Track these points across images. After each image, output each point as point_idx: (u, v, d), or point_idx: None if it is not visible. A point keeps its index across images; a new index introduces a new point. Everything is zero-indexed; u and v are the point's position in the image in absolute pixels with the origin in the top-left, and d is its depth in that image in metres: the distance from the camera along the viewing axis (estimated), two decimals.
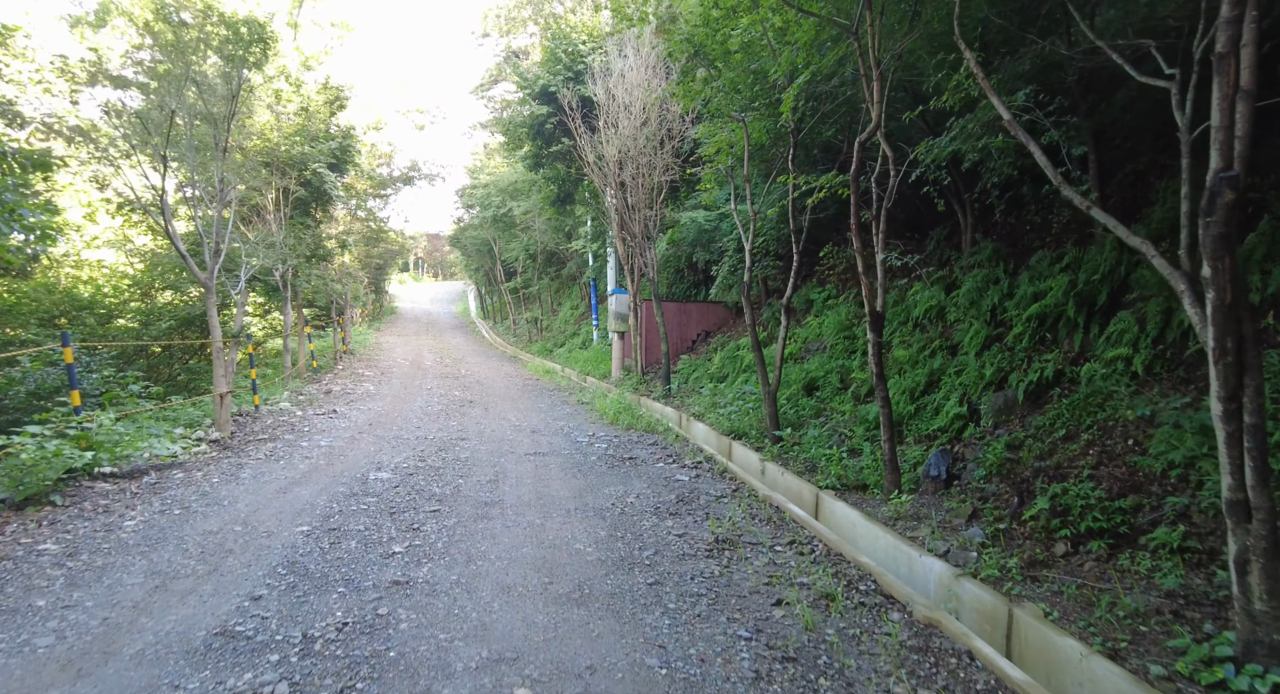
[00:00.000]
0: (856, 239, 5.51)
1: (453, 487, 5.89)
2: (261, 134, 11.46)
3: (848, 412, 8.05)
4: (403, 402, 11.42)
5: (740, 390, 10.55)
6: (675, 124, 12.39)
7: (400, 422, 9.40)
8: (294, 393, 11.82)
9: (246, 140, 11.31)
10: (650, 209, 12.55)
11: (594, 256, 21.25)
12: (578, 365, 17.71)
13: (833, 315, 10.96)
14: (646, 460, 7.48)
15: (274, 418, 9.26)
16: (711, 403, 10.31)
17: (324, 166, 13.36)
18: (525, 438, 8.43)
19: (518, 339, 28.44)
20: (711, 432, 8.86)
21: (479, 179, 28.85)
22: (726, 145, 8.94)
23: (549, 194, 16.89)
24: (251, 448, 7.35)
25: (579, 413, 10.90)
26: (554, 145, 13.92)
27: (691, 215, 12.23)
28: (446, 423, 9.40)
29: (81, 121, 8.17)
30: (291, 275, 13.93)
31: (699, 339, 15.81)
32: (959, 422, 6.78)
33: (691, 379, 13.02)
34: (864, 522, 5.21)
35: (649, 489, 6.16)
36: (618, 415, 9.92)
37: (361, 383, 13.62)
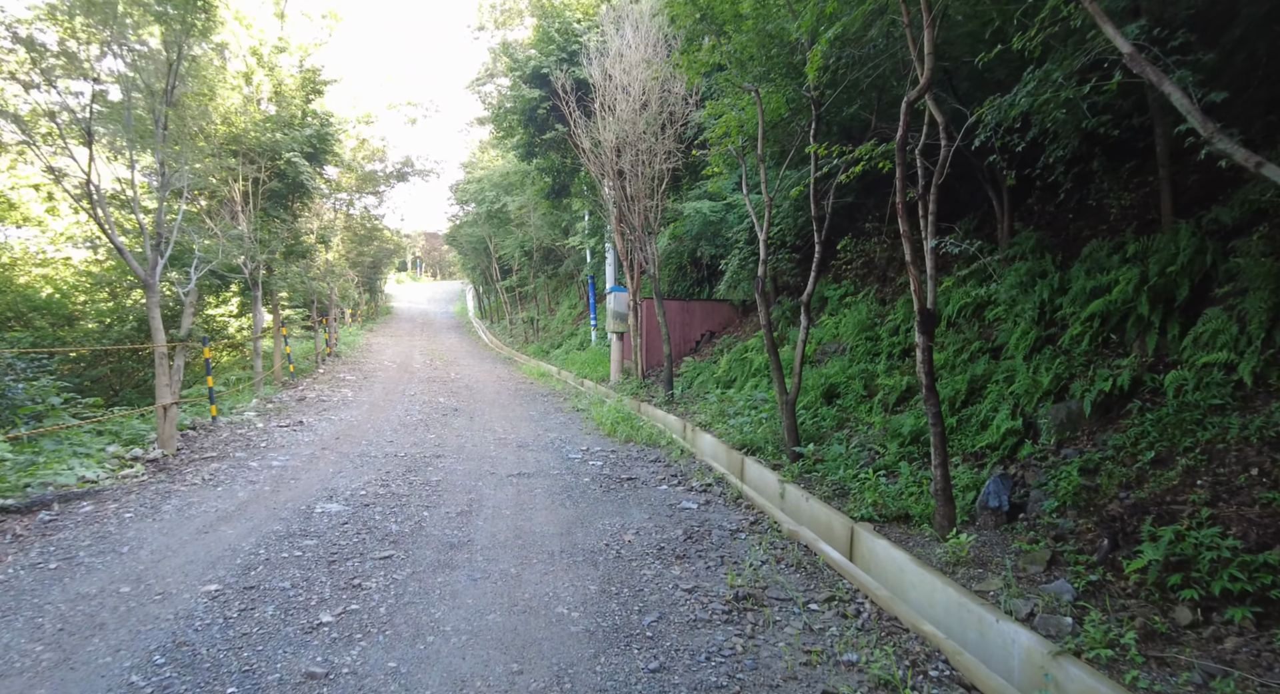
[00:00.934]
0: (903, 221, 4.52)
1: (414, 522, 4.90)
2: (226, 118, 10.47)
3: (877, 424, 7.06)
4: (380, 410, 10.44)
5: (750, 397, 9.57)
6: (677, 106, 11.40)
7: (372, 435, 8.42)
8: (263, 401, 10.84)
9: (209, 125, 10.32)
10: (651, 199, 11.55)
11: (592, 253, 20.27)
12: (575, 368, 16.74)
13: (852, 314, 9.97)
14: (648, 482, 6.49)
15: (231, 431, 8.28)
16: (719, 411, 9.32)
17: (299, 156, 12.36)
18: (510, 454, 7.45)
19: (514, 340, 27.46)
20: (720, 445, 7.87)
21: (473, 174, 27.88)
22: (736, 125, 7.95)
23: (543, 186, 15.91)
24: (192, 470, 6.37)
25: (573, 422, 9.91)
26: (547, 132, 12.94)
27: (696, 205, 11.24)
28: (424, 436, 8.42)
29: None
30: (264, 273, 12.94)
31: (703, 340, 14.84)
32: (1012, 438, 5.80)
33: (696, 383, 12.04)
34: (915, 568, 4.21)
35: (651, 521, 5.17)
36: (616, 426, 8.94)
37: (340, 388, 12.64)
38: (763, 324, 7.23)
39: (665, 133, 11.48)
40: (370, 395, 12.06)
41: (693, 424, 9.00)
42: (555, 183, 15.51)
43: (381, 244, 35.62)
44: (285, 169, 12.31)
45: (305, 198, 13.65)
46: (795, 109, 7.31)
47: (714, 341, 14.63)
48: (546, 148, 14.06)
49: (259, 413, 9.82)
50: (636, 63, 11.28)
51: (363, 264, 32.30)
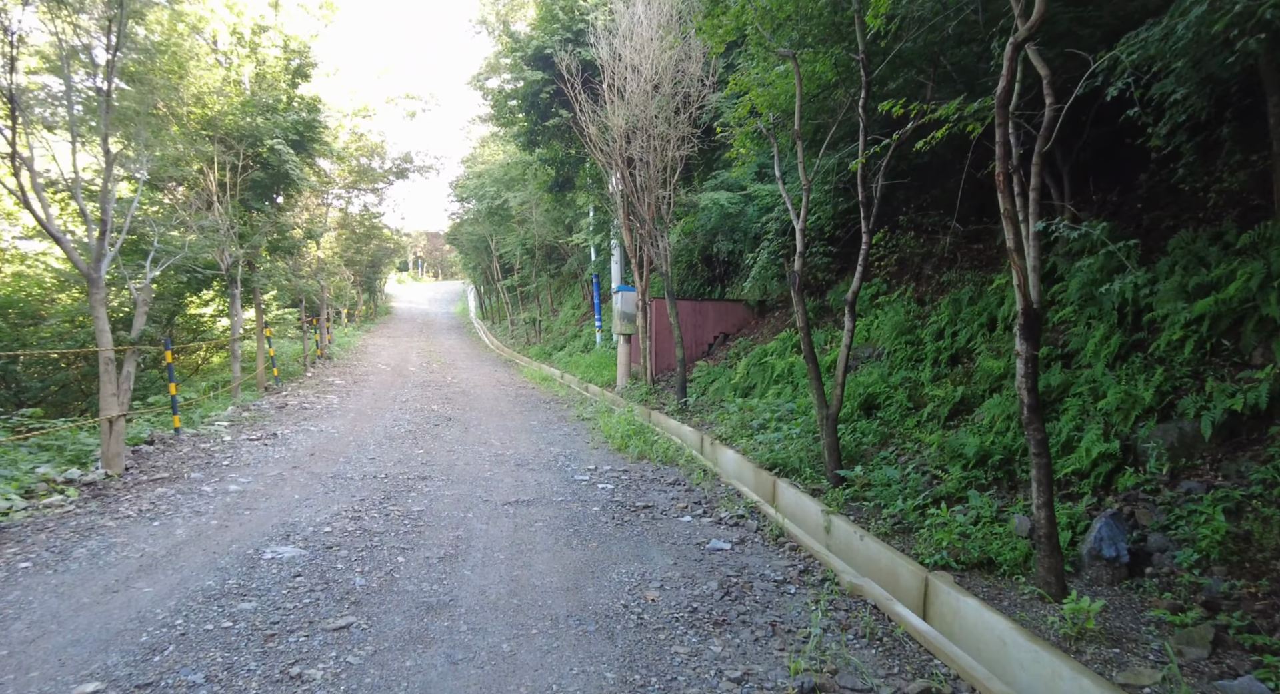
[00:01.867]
0: (1004, 198, 3.55)
1: (385, 571, 3.95)
2: (200, 99, 9.53)
3: (933, 443, 6.08)
4: (366, 420, 9.48)
5: (775, 407, 8.61)
6: (693, 89, 10.43)
7: (352, 450, 7.46)
8: (240, 408, 9.90)
9: (179, 106, 9.39)
10: (663, 189, 10.59)
11: (596, 251, 19.32)
12: (579, 371, 15.78)
13: (887, 315, 9.01)
14: (668, 511, 5.52)
15: (194, 446, 7.33)
16: (740, 422, 8.36)
17: (283, 143, 11.43)
18: (507, 475, 6.48)
19: (515, 341, 26.51)
20: (746, 464, 6.90)
21: (474, 168, 26.96)
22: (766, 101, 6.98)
23: (545, 178, 14.96)
24: (131, 497, 5.42)
25: (578, 435, 8.94)
26: (550, 119, 11.98)
27: (713, 196, 10.27)
28: (410, 451, 7.46)
29: None
30: (246, 270, 12.00)
31: (716, 343, 13.88)
32: (1105, 463, 4.84)
33: (711, 390, 11.08)
34: (1025, 642, 3.22)
35: (677, 568, 4.21)
36: (627, 440, 7.97)
37: (326, 394, 11.69)
38: (799, 326, 6.26)
39: (679, 117, 10.52)
40: (358, 402, 11.11)
41: (711, 438, 8.04)
42: (559, 175, 14.56)
43: (381, 243, 34.77)
44: (268, 157, 11.37)
45: (291, 189, 12.71)
46: (837, 80, 6.34)
47: (728, 345, 13.68)
48: (549, 136, 13.11)
49: (232, 423, 8.88)
50: (649, 40, 10.33)
51: (360, 263, 31.43)
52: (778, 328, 12.38)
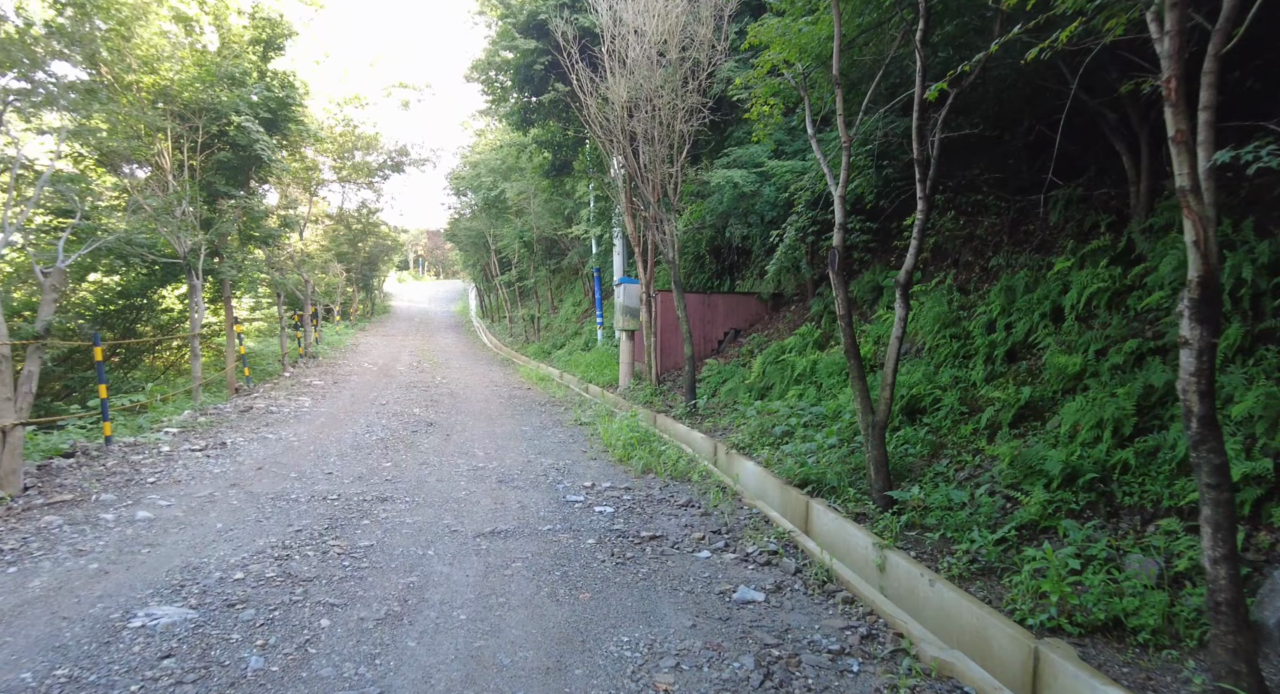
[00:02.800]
0: (1174, 116, 2.43)
1: (297, 644, 2.87)
2: (148, 64, 8.46)
3: (1003, 455, 4.97)
4: (336, 425, 8.41)
5: (799, 411, 7.53)
6: (703, 53, 9.33)
7: (308, 463, 6.38)
8: (197, 412, 8.84)
9: (124, 72, 8.32)
10: (671, 166, 9.49)
11: (597, 242, 18.23)
12: (579, 371, 14.70)
13: (928, 306, 7.93)
14: (681, 543, 4.42)
15: (122, 458, 6.25)
16: (759, 429, 7.27)
17: (252, 120, 10.36)
18: (486, 495, 5.39)
19: (514, 339, 25.45)
20: (770, 479, 5.81)
21: (468, 158, 25.92)
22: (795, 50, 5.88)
23: (542, 163, 13.87)
24: (10, 527, 4.34)
25: (575, 442, 7.86)
26: (546, 92, 10.90)
27: (726, 174, 9.16)
28: (377, 464, 6.38)
29: None
30: (215, 260, 10.95)
31: (727, 339, 12.79)
32: (1252, 488, 3.75)
33: (723, 391, 9.98)
34: None
35: (697, 633, 3.12)
36: (630, 449, 6.87)
37: (299, 396, 10.62)
38: (840, 314, 5.15)
39: (687, 87, 9.41)
40: (333, 405, 10.04)
41: (726, 446, 6.95)
42: (556, 159, 13.48)
43: (378, 240, 33.80)
44: (235, 136, 10.31)
45: (264, 173, 11.65)
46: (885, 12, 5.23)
47: (740, 341, 12.59)
48: (545, 114, 12.02)
49: (183, 429, 7.81)
50: None
51: (356, 260, 30.44)
52: (796, 323, 11.28)
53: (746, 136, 10.62)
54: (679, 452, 6.92)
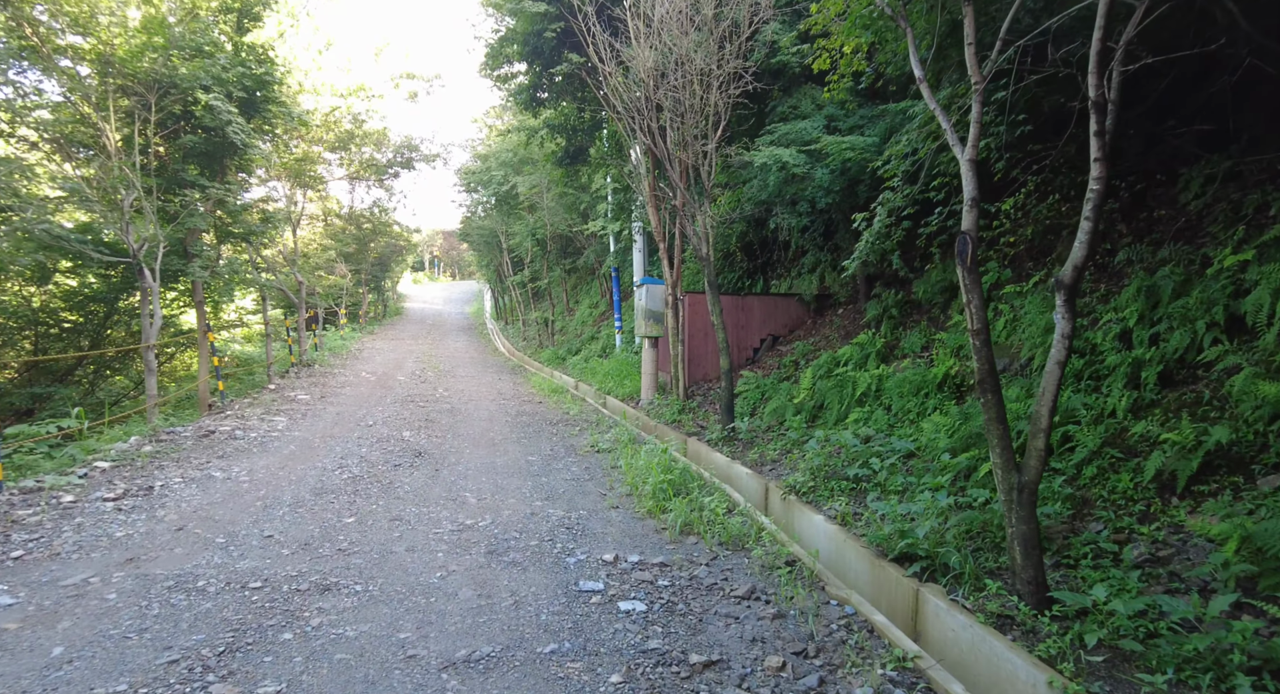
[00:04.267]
0: None
1: None
2: (79, 23, 7.11)
3: (1225, 535, 3.40)
4: (304, 458, 6.98)
5: (875, 445, 5.99)
6: (744, 9, 7.79)
7: (249, 519, 4.94)
8: (145, 439, 7.47)
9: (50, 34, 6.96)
10: (705, 142, 7.96)
11: (616, 239, 16.75)
12: (596, 380, 13.22)
13: (1026, 310, 6.43)
14: (750, 680, 2.92)
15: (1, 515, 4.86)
16: (822, 466, 5.72)
17: (222, 99, 8.99)
18: (468, 581, 3.90)
19: (527, 344, 24.04)
20: (853, 545, 4.26)
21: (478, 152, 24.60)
22: None
23: (554, 150, 12.40)
24: None
25: (591, 480, 6.36)
26: (558, 64, 9.44)
27: (774, 152, 7.61)
28: (335, 520, 4.92)
29: None
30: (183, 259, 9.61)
31: (764, 347, 11.25)
32: None
33: (767, 411, 8.44)
34: None
35: None
36: (662, 496, 5.36)
37: (276, 415, 9.23)
38: (973, 328, 3.56)
39: (724, 50, 7.89)
40: (311, 427, 8.63)
41: (781, 489, 5.40)
42: (570, 145, 12.01)
43: (390, 240, 32.63)
44: (204, 117, 8.95)
45: (239, 160, 10.29)
46: None
47: (779, 350, 11.04)
48: (557, 93, 10.56)
49: (115, 464, 6.42)
50: None
51: (365, 261, 29.27)
52: (848, 329, 9.70)
53: (792, 111, 9.05)
54: (724, 498, 5.38)
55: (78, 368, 11.17)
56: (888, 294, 8.94)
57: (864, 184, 8.14)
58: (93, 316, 11.19)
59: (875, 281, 9.81)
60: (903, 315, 8.87)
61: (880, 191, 8.08)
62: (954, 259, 8.61)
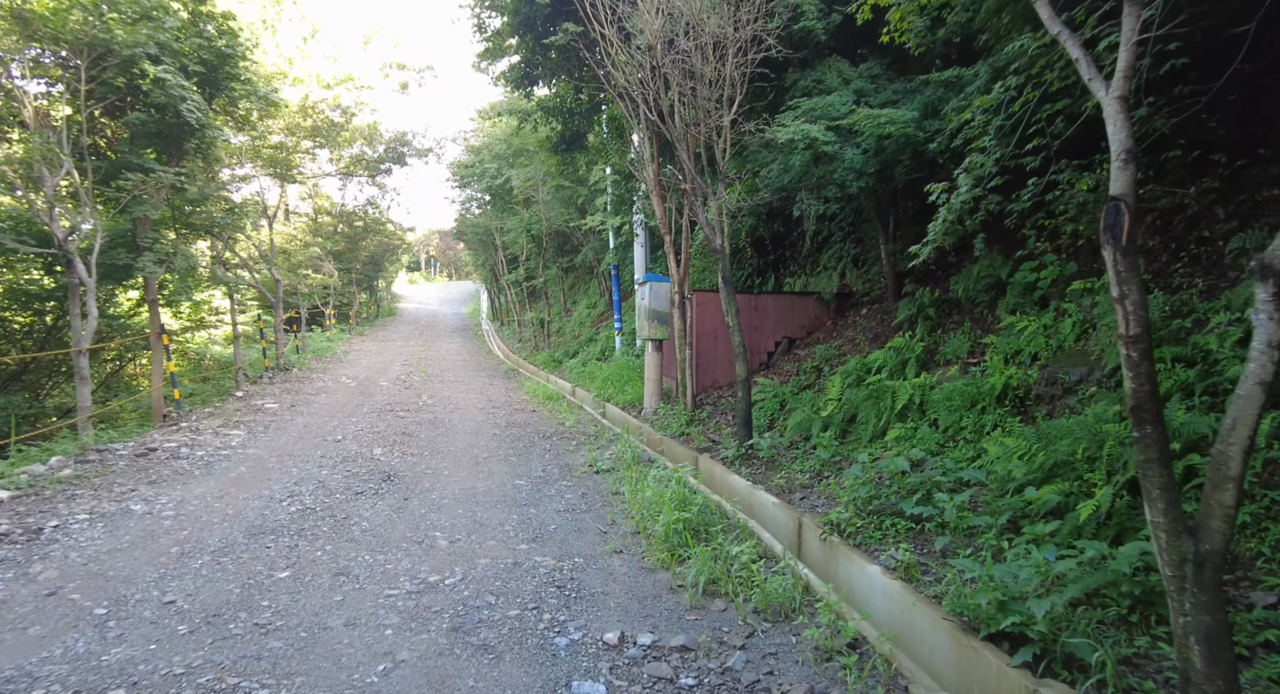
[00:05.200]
0: None
1: None
2: None
3: None
4: (252, 483, 5.94)
5: (935, 472, 4.95)
6: None
7: (151, 575, 3.89)
8: (71, 458, 6.41)
9: None
10: (720, 114, 6.92)
11: (615, 235, 15.72)
12: (595, 386, 12.19)
13: (1109, 311, 5.22)
14: None
15: None
16: (871, 496, 4.68)
17: (175, 73, 7.95)
18: (414, 671, 2.83)
19: (523, 346, 22.99)
20: (930, 616, 3.22)
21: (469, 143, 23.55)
22: None
23: (550, 135, 11.37)
24: None
25: (590, 512, 5.31)
26: (552, 35, 8.41)
27: (804, 129, 6.57)
28: (263, 579, 3.88)
29: None
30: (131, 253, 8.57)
31: (779, 350, 10.24)
32: None
33: (790, 425, 7.40)
34: None
35: None
36: (676, 541, 4.31)
37: (233, 429, 8.18)
38: (1126, 335, 2.49)
39: (741, 11, 6.86)
40: (269, 443, 7.58)
41: (820, 525, 4.35)
42: (566, 130, 10.98)
43: (383, 239, 31.58)
44: (153, 92, 7.91)
45: (200, 144, 9.23)
46: None
47: (795, 353, 10.01)
48: (552, 69, 9.53)
49: (17, 491, 5.36)
50: None
51: (356, 260, 28.22)
52: (876, 331, 8.67)
53: (816, 86, 8.01)
54: (755, 544, 4.33)
55: (24, 373, 10.11)
56: (922, 292, 7.93)
57: (902, 165, 7.11)
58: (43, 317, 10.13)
59: (905, 278, 8.80)
60: (940, 316, 7.86)
61: (935, 171, 7.02)
62: (998, 251, 7.60)
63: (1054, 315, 6.20)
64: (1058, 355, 5.69)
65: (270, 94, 9.83)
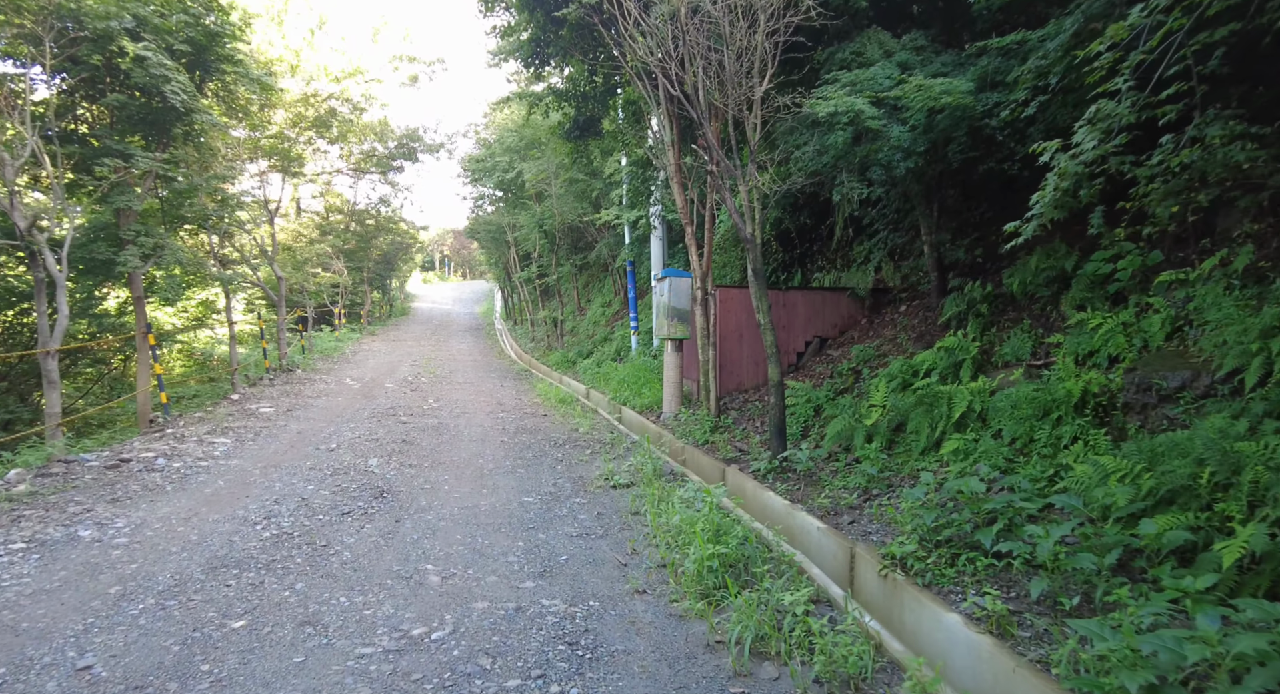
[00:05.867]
0: None
1: None
2: None
3: None
4: (228, 501, 5.29)
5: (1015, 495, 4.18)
6: None
7: (80, 622, 3.23)
8: (33, 470, 5.81)
9: None
10: (751, 86, 6.17)
11: (631, 229, 15.00)
12: (610, 388, 11.49)
13: (1207, 299, 4.65)
14: None
15: None
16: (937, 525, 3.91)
17: (156, 51, 7.34)
18: None
19: (535, 345, 22.35)
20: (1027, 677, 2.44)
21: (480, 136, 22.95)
22: None
23: (563, 120, 10.68)
24: None
25: (605, 542, 4.59)
26: (564, 8, 7.69)
27: (849, 101, 5.80)
28: (214, 627, 3.19)
29: None
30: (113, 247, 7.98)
31: (809, 351, 9.47)
32: None
33: (829, 435, 6.63)
34: None
35: None
36: (710, 584, 3.59)
37: (219, 437, 7.55)
38: None
39: None
40: (256, 453, 6.94)
41: (878, 560, 3.57)
42: (579, 115, 10.27)
43: (395, 237, 31.14)
44: (133, 72, 7.30)
45: (188, 130, 8.63)
46: None
47: (828, 354, 9.24)
48: (563, 47, 8.82)
49: None
50: None
51: (369, 259, 27.77)
52: (920, 330, 7.87)
53: (855, 59, 7.22)
54: (808, 588, 3.59)
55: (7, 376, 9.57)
56: (972, 286, 7.13)
57: (956, 143, 6.32)
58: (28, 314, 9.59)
59: (949, 271, 8.01)
60: (994, 313, 7.07)
61: (992, 149, 6.23)
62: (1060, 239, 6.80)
63: (1135, 311, 5.41)
64: (1145, 357, 4.89)
65: (264, 77, 9.20)
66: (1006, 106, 5.45)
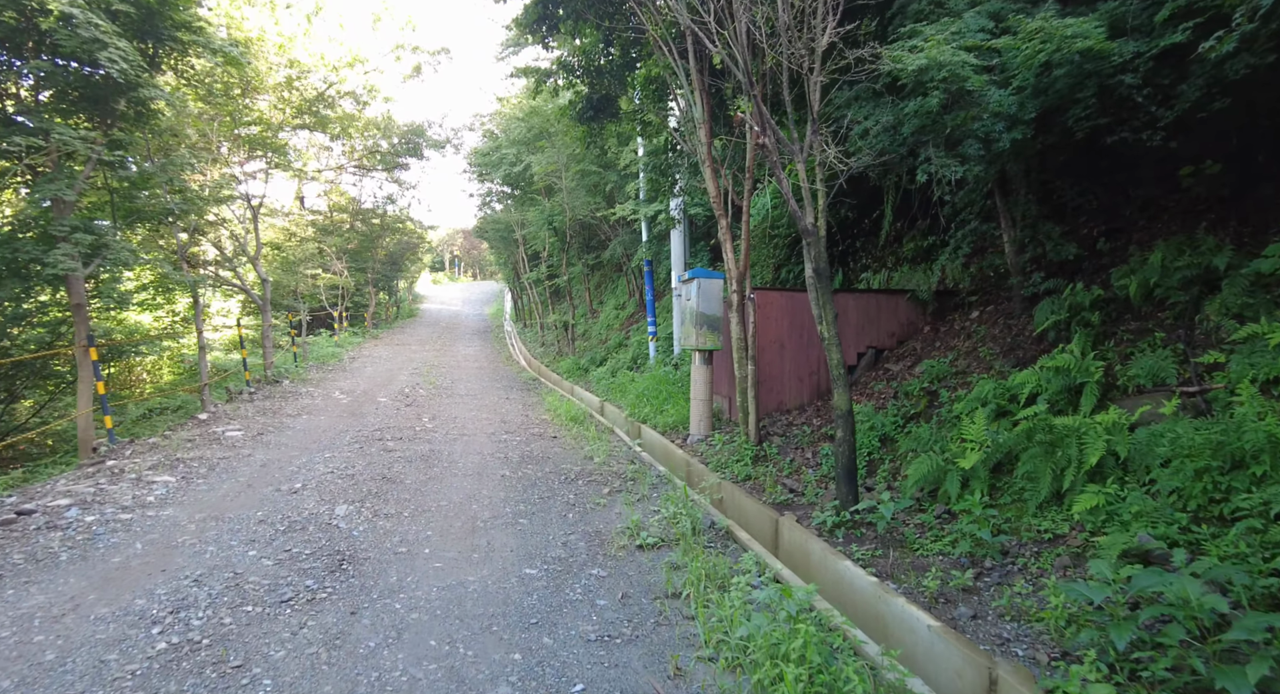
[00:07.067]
0: None
1: None
2: None
3: None
4: (123, 582, 4.02)
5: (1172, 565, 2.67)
6: None
7: None
8: None
9: None
10: (812, 35, 4.82)
11: (649, 225, 13.65)
12: (627, 402, 10.17)
13: None
14: None
15: None
16: (1137, 646, 2.47)
17: (85, 8, 6.11)
18: None
19: (545, 350, 21.06)
20: None
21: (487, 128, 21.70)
22: None
23: (574, 100, 9.36)
24: None
25: (636, 650, 3.25)
26: None
27: (944, 50, 4.45)
28: None
29: None
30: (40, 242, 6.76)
31: (861, 364, 8.12)
32: None
33: (912, 479, 5.26)
34: None
35: None
36: None
37: (164, 475, 6.29)
38: None
39: None
40: (199, 498, 5.67)
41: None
42: (593, 93, 8.96)
43: (403, 237, 30.05)
44: (60, 35, 6.07)
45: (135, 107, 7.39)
46: None
47: (885, 368, 7.86)
48: (576, 9, 7.51)
49: None
50: None
51: (374, 259, 26.65)
52: (1007, 342, 6.44)
53: (935, 10, 5.84)
54: None
55: None
56: (1074, 289, 5.75)
57: (1081, 105, 4.91)
58: None
59: (1034, 269, 6.61)
60: (1106, 322, 5.68)
61: (1129, 114, 4.87)
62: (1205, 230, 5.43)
63: (1264, 326, 4.15)
64: None
65: (229, 48, 7.93)
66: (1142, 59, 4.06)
